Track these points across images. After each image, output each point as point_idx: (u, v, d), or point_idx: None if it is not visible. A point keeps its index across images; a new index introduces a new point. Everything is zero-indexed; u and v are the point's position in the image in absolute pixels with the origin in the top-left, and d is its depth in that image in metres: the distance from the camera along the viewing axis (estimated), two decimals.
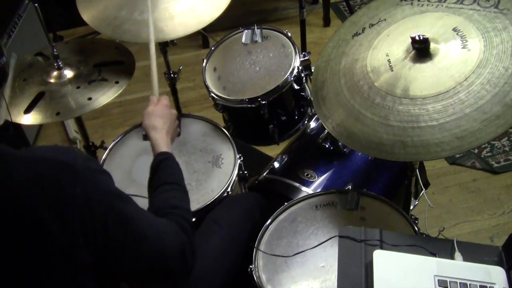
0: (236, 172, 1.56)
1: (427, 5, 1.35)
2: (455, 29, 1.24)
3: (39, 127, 2.68)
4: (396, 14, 1.38)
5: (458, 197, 2.17)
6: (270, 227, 1.37)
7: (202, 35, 3.07)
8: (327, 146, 1.68)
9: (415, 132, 1.15)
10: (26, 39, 2.45)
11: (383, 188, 1.66)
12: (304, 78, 1.71)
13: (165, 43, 1.79)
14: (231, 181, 1.53)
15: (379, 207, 1.38)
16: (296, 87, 1.69)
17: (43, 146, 0.95)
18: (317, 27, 3.19)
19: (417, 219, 1.60)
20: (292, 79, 1.64)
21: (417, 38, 1.21)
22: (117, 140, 1.70)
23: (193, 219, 1.45)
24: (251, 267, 1.27)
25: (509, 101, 1.09)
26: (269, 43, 1.76)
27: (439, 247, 1.08)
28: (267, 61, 1.72)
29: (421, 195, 1.69)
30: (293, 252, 1.30)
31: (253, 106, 1.62)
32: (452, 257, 1.05)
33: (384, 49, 1.31)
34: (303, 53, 1.70)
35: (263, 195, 1.57)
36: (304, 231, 1.35)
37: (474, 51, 1.19)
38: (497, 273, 0.99)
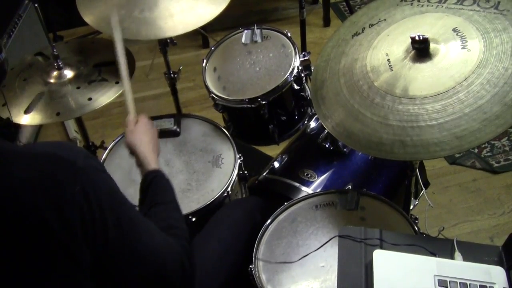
0: (236, 172, 1.56)
1: (427, 6, 1.35)
2: (455, 30, 1.24)
3: (39, 127, 2.67)
4: (396, 14, 1.38)
5: (458, 197, 2.17)
6: (270, 227, 1.37)
7: (202, 35, 3.07)
8: (327, 146, 1.68)
9: (414, 131, 1.15)
10: (26, 39, 2.45)
11: (383, 188, 1.66)
12: (304, 78, 1.71)
13: (165, 43, 1.79)
14: (231, 181, 1.53)
15: (379, 207, 1.38)
16: (296, 87, 1.69)
17: (44, 142, 0.93)
18: (317, 27, 3.19)
19: (417, 219, 1.60)
20: (292, 79, 1.64)
21: (417, 38, 1.21)
22: (117, 140, 1.70)
23: (193, 219, 1.47)
24: (251, 267, 1.27)
25: (508, 101, 1.09)
26: (269, 43, 1.76)
27: (439, 247, 1.08)
28: (267, 61, 1.72)
29: (421, 195, 1.69)
30: (293, 252, 1.30)
31: (253, 106, 1.63)
32: (452, 257, 1.05)
33: (384, 49, 1.31)
34: (303, 53, 1.70)
35: (263, 195, 1.57)
36: (304, 231, 1.35)
37: (474, 51, 1.19)
38: (497, 273, 0.99)
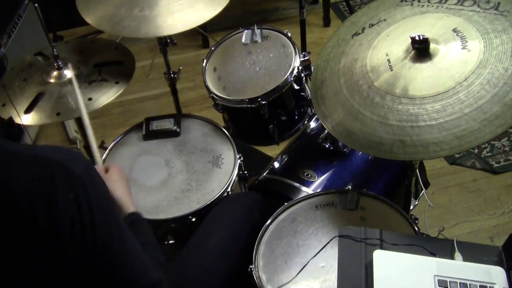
0: (236, 172, 1.56)
1: (427, 6, 1.35)
2: (455, 30, 1.24)
3: (39, 127, 2.68)
4: (396, 14, 1.38)
5: (458, 197, 2.17)
6: (270, 227, 1.37)
7: (202, 35, 3.07)
8: (327, 146, 1.68)
9: (414, 131, 1.15)
10: (26, 39, 2.45)
11: (383, 188, 1.66)
12: (304, 78, 1.71)
13: (165, 43, 1.79)
14: (231, 181, 1.53)
15: (379, 207, 1.38)
16: (296, 87, 1.69)
17: (49, 146, 0.94)
18: (317, 27, 3.19)
19: (417, 219, 1.60)
20: (292, 79, 1.64)
21: (417, 38, 1.21)
22: (117, 140, 1.70)
23: (193, 219, 1.47)
24: (251, 267, 1.27)
25: (508, 101, 1.09)
26: (269, 43, 1.76)
27: (439, 247, 1.08)
28: (267, 61, 1.72)
29: (421, 195, 1.69)
30: (293, 252, 1.30)
31: (253, 106, 1.63)
32: (452, 257, 1.05)
33: (384, 49, 1.31)
34: (303, 53, 1.70)
35: (263, 195, 1.57)
36: (304, 231, 1.35)
37: (474, 52, 1.19)
38: (497, 273, 0.99)
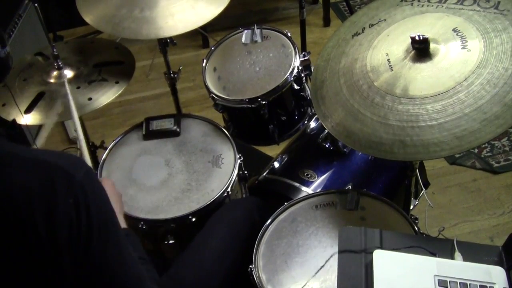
0: (236, 172, 1.55)
1: (427, 6, 1.35)
2: (455, 30, 1.24)
3: (39, 127, 2.67)
4: (396, 14, 1.38)
5: (458, 197, 2.17)
6: (270, 227, 1.37)
7: (202, 35, 3.07)
8: (327, 146, 1.68)
9: (414, 131, 1.15)
10: (26, 39, 2.45)
11: (383, 188, 1.65)
12: (304, 78, 1.71)
13: (165, 43, 1.79)
14: (231, 181, 1.53)
15: (379, 207, 1.38)
16: (296, 87, 1.69)
17: (49, 150, 0.93)
18: (317, 27, 3.19)
19: (417, 219, 1.60)
20: (292, 79, 1.64)
21: (417, 38, 1.21)
22: (117, 140, 1.70)
23: (193, 219, 1.47)
24: (251, 267, 1.27)
25: (508, 101, 1.09)
26: (269, 43, 1.76)
27: (439, 247, 1.08)
28: (267, 61, 1.72)
29: (421, 195, 1.69)
30: (294, 252, 1.29)
31: (253, 106, 1.63)
32: (452, 257, 1.05)
33: (384, 49, 1.31)
34: (303, 53, 1.70)
35: (263, 195, 1.57)
36: (304, 231, 1.35)
37: (474, 51, 1.19)
38: (497, 273, 0.99)
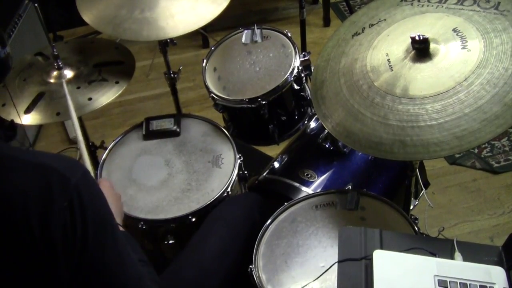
0: (236, 172, 1.56)
1: (427, 6, 1.35)
2: (455, 30, 1.24)
3: (39, 127, 2.68)
4: (396, 14, 1.38)
5: (458, 197, 2.17)
6: (270, 227, 1.37)
7: (202, 35, 3.07)
8: (327, 146, 1.68)
9: (414, 131, 1.15)
10: (26, 39, 2.45)
11: (383, 188, 1.65)
12: (304, 78, 1.71)
13: (165, 43, 1.79)
14: (231, 181, 1.53)
15: (379, 207, 1.38)
16: (296, 87, 1.69)
17: (46, 152, 0.93)
18: (317, 27, 3.19)
19: (417, 219, 1.60)
20: (292, 79, 1.64)
21: (417, 38, 1.21)
22: (117, 140, 1.70)
23: (193, 219, 1.47)
24: (251, 267, 1.27)
25: (508, 101, 1.09)
26: (269, 43, 1.76)
27: (439, 247, 1.08)
28: (267, 61, 1.72)
29: (421, 195, 1.69)
30: (294, 252, 1.29)
31: (253, 106, 1.63)
32: (452, 257, 1.05)
33: (384, 49, 1.31)
34: (303, 53, 1.70)
35: (263, 195, 1.57)
36: (304, 231, 1.35)
37: (474, 51, 1.19)
38: (497, 273, 0.99)
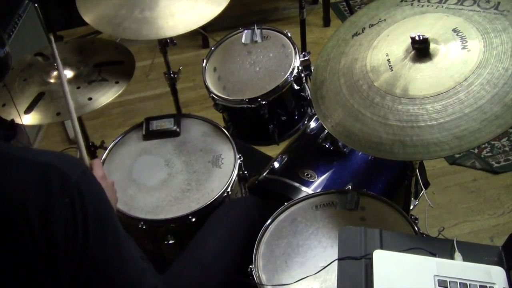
0: (236, 172, 1.56)
1: (427, 6, 1.35)
2: (455, 30, 1.24)
3: (39, 127, 2.68)
4: (396, 14, 1.38)
5: (458, 197, 2.17)
6: (270, 227, 1.37)
7: (202, 35, 3.07)
8: (327, 146, 1.68)
9: (414, 131, 1.15)
10: (26, 39, 2.45)
11: (383, 188, 1.66)
12: (304, 78, 1.71)
13: (165, 43, 1.79)
14: (231, 181, 1.53)
15: (379, 207, 1.38)
16: (296, 87, 1.69)
17: (45, 150, 0.93)
18: (317, 27, 3.19)
19: (417, 219, 1.60)
20: (292, 79, 1.64)
21: (417, 38, 1.21)
22: (117, 140, 1.70)
23: (193, 219, 1.47)
24: (251, 267, 1.27)
25: (508, 101, 1.09)
26: (269, 43, 1.76)
27: (439, 247, 1.08)
28: (267, 61, 1.72)
29: (421, 195, 1.69)
30: (294, 252, 1.30)
31: (253, 106, 1.63)
32: (452, 257, 1.05)
33: (384, 49, 1.31)
34: (303, 53, 1.70)
35: (263, 195, 1.57)
36: (304, 231, 1.35)
37: (474, 51, 1.19)
38: (497, 273, 0.99)
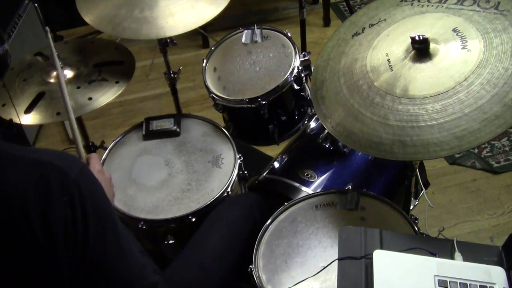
0: (236, 172, 1.56)
1: (427, 6, 1.35)
2: (455, 30, 1.24)
3: (39, 127, 2.68)
4: (396, 14, 1.38)
5: (458, 197, 2.17)
6: (270, 227, 1.37)
7: (202, 35, 3.07)
8: (327, 146, 1.68)
9: (414, 131, 1.15)
10: (26, 39, 2.45)
11: (383, 188, 1.65)
12: (304, 78, 1.71)
13: (165, 43, 1.79)
14: (231, 181, 1.53)
15: (379, 207, 1.38)
16: (296, 87, 1.69)
17: (44, 149, 0.93)
18: (317, 27, 3.19)
19: (417, 219, 1.60)
20: (292, 79, 1.64)
21: (417, 38, 1.21)
22: (117, 140, 1.70)
23: (193, 219, 1.47)
24: (251, 267, 1.27)
25: (508, 101, 1.09)
26: (269, 43, 1.76)
27: (439, 247, 1.08)
28: (267, 61, 1.72)
29: (421, 195, 1.69)
30: (294, 252, 1.29)
31: (253, 106, 1.63)
32: (452, 257, 1.05)
33: (384, 49, 1.31)
34: (303, 53, 1.70)
35: (263, 195, 1.57)
36: (304, 231, 1.35)
37: (474, 51, 1.19)
38: (497, 273, 0.99)
